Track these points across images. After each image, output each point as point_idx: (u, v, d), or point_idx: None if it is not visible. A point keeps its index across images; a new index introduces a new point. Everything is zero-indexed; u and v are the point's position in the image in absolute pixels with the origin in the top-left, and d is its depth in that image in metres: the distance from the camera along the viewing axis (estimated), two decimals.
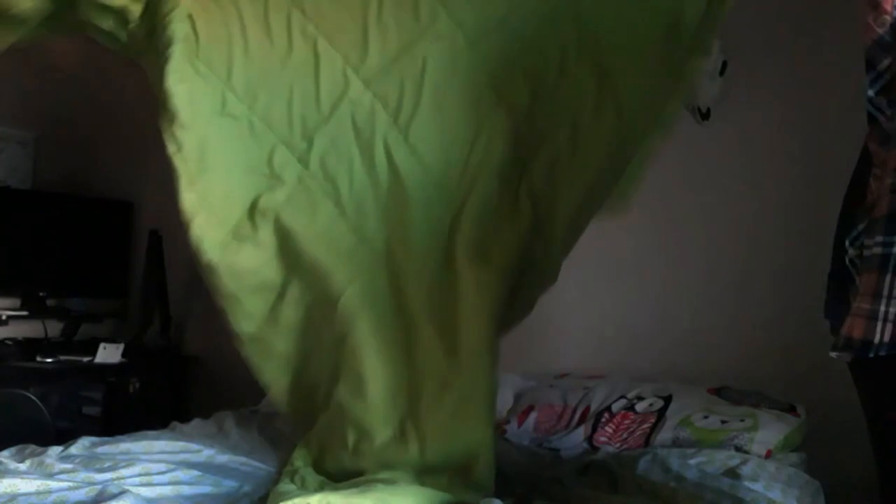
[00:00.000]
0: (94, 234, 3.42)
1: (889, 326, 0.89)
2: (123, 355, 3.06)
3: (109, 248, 3.43)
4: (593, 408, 2.05)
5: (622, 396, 2.06)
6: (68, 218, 3.36)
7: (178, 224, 3.71)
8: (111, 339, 3.25)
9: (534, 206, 1.50)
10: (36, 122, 3.47)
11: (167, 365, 3.23)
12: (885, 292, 0.90)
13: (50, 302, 3.31)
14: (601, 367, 2.38)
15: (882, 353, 0.91)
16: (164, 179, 3.53)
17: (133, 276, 3.40)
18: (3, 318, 3.16)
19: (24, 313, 3.23)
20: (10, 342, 3.10)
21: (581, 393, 2.13)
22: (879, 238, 0.92)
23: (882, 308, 0.90)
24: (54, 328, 3.32)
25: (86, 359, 3.01)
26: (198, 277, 3.62)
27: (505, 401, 2.16)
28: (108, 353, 3.03)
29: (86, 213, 3.43)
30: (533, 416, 2.10)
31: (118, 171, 3.57)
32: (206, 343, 3.31)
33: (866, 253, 0.93)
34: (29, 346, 3.08)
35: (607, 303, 2.60)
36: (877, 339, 0.90)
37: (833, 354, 0.96)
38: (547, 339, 2.73)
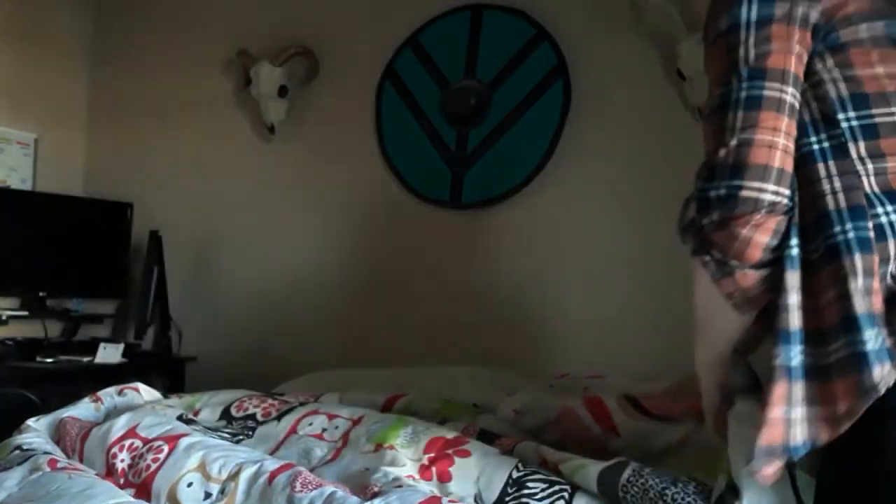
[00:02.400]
0: (93, 234, 3.41)
1: None
2: (123, 355, 3.06)
3: (109, 249, 3.43)
4: None
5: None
6: (68, 218, 3.36)
7: (178, 224, 3.69)
8: (111, 340, 3.25)
9: None
10: (36, 122, 3.47)
11: (167, 365, 3.22)
12: None
13: (50, 302, 3.31)
14: (601, 367, 2.38)
15: None
16: (165, 179, 3.55)
17: (133, 276, 3.40)
18: (3, 318, 3.16)
19: (24, 313, 3.23)
20: (10, 342, 3.10)
21: (581, 393, 2.13)
22: None
23: None
24: (54, 328, 3.32)
25: (86, 359, 3.01)
26: (198, 278, 3.62)
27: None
28: (108, 354, 3.03)
29: (85, 214, 3.43)
30: None
31: (118, 171, 3.57)
32: (205, 344, 3.31)
33: None
34: (29, 347, 3.08)
35: (608, 302, 2.60)
36: None
37: None
38: (547, 339, 2.73)
